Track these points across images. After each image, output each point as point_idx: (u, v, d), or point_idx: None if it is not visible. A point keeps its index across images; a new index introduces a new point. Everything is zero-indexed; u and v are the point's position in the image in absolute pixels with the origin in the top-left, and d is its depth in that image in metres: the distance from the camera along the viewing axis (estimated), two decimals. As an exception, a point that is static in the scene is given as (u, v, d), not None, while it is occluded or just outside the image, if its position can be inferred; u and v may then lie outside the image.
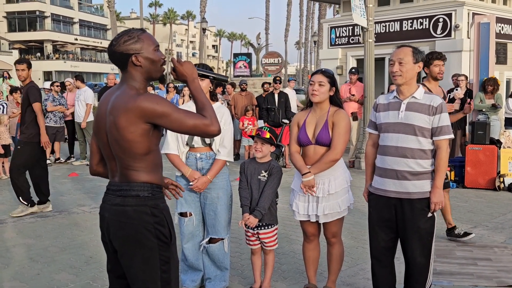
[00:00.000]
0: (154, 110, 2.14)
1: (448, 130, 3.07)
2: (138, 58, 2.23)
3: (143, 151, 2.21)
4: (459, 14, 10.51)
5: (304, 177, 3.39)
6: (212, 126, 2.18)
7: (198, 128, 2.17)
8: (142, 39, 2.24)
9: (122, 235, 2.24)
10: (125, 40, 2.23)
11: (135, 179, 2.24)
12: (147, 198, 2.23)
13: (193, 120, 2.16)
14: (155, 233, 2.22)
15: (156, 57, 2.27)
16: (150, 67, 2.27)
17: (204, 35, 35.18)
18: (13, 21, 53.69)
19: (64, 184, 8.18)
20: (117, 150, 2.24)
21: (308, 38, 57.93)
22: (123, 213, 2.22)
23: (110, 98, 2.27)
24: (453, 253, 4.63)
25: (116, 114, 2.18)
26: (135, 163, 2.23)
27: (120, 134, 2.19)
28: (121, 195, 2.24)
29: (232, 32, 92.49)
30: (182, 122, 2.16)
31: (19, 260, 4.57)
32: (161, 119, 2.15)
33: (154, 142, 2.25)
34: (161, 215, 2.25)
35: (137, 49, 2.23)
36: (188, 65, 2.29)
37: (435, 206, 3.07)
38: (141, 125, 2.16)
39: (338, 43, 12.69)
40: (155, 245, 2.23)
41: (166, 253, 2.26)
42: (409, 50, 3.10)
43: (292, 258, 4.57)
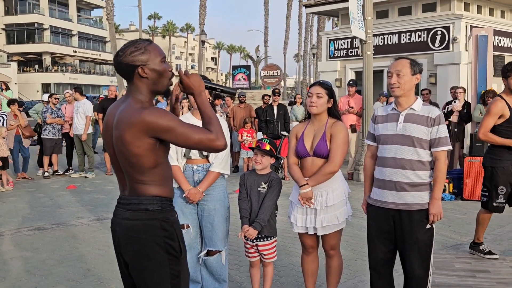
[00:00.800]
0: (158, 124, 2.10)
1: (446, 142, 3.08)
2: (144, 69, 2.19)
3: (150, 165, 2.19)
4: (457, 27, 10.58)
5: (302, 189, 3.39)
6: (218, 141, 2.15)
7: (204, 143, 2.13)
8: (149, 50, 2.20)
9: (132, 249, 2.22)
10: (131, 51, 2.19)
11: (144, 193, 2.21)
12: (156, 212, 2.20)
13: (198, 135, 2.13)
14: (165, 247, 2.20)
15: (163, 68, 2.23)
16: (156, 79, 2.22)
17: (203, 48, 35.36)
18: (11, 33, 53.91)
19: (62, 196, 8.16)
20: (125, 164, 2.22)
21: (307, 51, 58.24)
22: (132, 227, 2.20)
23: (116, 111, 2.24)
24: (451, 265, 4.62)
25: (122, 128, 2.15)
26: (143, 177, 2.20)
27: (126, 149, 2.16)
28: (130, 209, 2.22)
29: (231, 45, 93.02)
30: (188, 137, 2.12)
31: (17, 273, 4.54)
32: (166, 133, 2.12)
33: (162, 155, 2.22)
34: (171, 229, 2.22)
35: (143, 61, 2.18)
36: (196, 78, 2.26)
37: (434, 218, 3.07)
38: (146, 139, 2.13)
39: (336, 56, 12.76)
40: (165, 259, 2.20)
41: (176, 267, 2.23)
42: (407, 62, 3.12)
43: (291, 271, 4.55)
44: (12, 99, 10.49)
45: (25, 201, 7.79)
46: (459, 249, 5.24)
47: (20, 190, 8.67)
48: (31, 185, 9.23)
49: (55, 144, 9.94)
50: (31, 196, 8.15)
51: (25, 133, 9.72)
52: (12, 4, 52.78)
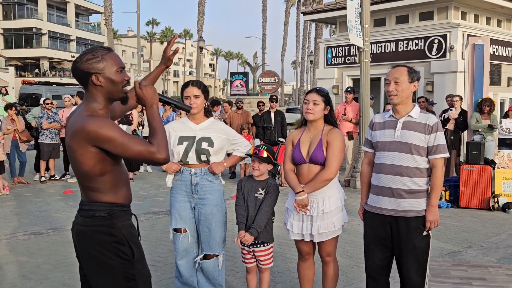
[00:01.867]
0: (98, 134, 2.12)
1: (444, 149, 3.10)
2: (98, 77, 2.21)
3: (96, 173, 2.22)
4: (454, 36, 10.65)
5: (298, 196, 3.39)
6: (158, 154, 2.16)
7: (142, 155, 2.16)
8: (105, 59, 2.23)
9: (84, 254, 2.29)
10: (88, 59, 2.22)
11: (94, 199, 2.27)
12: (103, 218, 2.25)
13: (138, 147, 2.15)
14: (114, 251, 2.24)
15: (118, 78, 2.25)
16: (110, 88, 2.25)
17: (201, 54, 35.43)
18: (9, 38, 53.91)
19: (58, 201, 8.14)
20: (75, 170, 2.29)
21: (304, 58, 58.44)
22: (82, 233, 2.27)
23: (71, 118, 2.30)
24: (447, 273, 4.62)
25: (69, 136, 2.22)
26: (91, 184, 2.26)
27: (72, 156, 2.23)
28: (82, 215, 2.29)
29: (229, 51, 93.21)
30: (126, 148, 2.14)
31: (12, 278, 4.52)
32: (105, 143, 2.14)
33: (110, 163, 2.24)
34: (119, 234, 2.26)
35: (98, 69, 2.21)
36: (149, 90, 2.27)
37: (430, 225, 3.08)
38: (89, 148, 2.17)
39: (334, 63, 12.81)
40: (116, 263, 2.25)
41: (130, 270, 2.27)
42: (404, 70, 3.14)
43: (287, 277, 4.55)
44: (10, 103, 10.48)
45: (21, 205, 7.77)
46: (455, 256, 5.25)
47: (16, 195, 8.64)
48: (27, 189, 9.21)
49: (53, 148, 9.93)
50: (28, 201, 8.12)
51: (22, 138, 9.71)
52: (10, 9, 52.83)
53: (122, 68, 2.27)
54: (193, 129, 3.61)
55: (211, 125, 3.64)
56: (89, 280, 2.34)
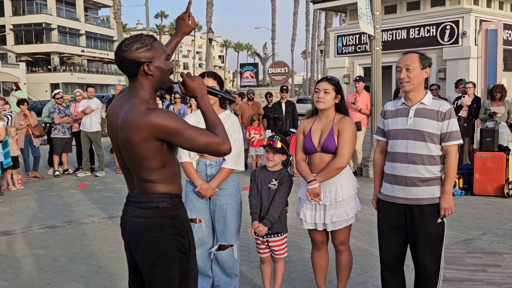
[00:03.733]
0: (166, 127, 2.07)
1: (457, 136, 3.07)
2: (150, 67, 2.15)
3: (158, 165, 2.17)
4: (466, 21, 10.50)
5: (309, 185, 3.39)
6: (224, 145, 2.14)
7: (211, 146, 2.12)
8: (155, 47, 2.16)
9: (142, 247, 2.22)
10: (137, 47, 2.13)
11: (154, 191, 2.20)
12: (167, 209, 2.19)
13: (205, 138, 2.12)
14: (175, 244, 2.19)
15: (167, 66, 2.20)
16: (161, 77, 2.19)
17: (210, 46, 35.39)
18: (19, 34, 54.26)
19: (73, 195, 8.22)
20: (132, 164, 2.21)
21: (314, 47, 58.11)
22: (143, 225, 2.20)
23: (119, 111, 2.20)
24: (462, 260, 4.60)
25: (128, 130, 2.12)
26: (152, 176, 2.19)
27: (134, 151, 2.15)
28: (140, 207, 2.21)
29: (238, 42, 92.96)
30: (195, 140, 2.10)
31: (29, 271, 4.59)
32: (173, 136, 2.09)
33: (169, 154, 2.20)
34: (181, 226, 2.22)
35: (149, 58, 2.14)
36: (199, 81, 2.23)
37: (445, 212, 3.06)
38: (154, 142, 2.11)
39: (345, 52, 12.71)
40: (175, 257, 2.20)
41: (185, 265, 2.23)
42: (416, 56, 3.10)
43: (301, 266, 4.56)
44: (22, 99, 10.56)
45: (36, 200, 7.86)
46: (469, 244, 5.22)
47: (31, 189, 8.74)
48: (42, 184, 9.31)
49: (65, 143, 10.01)
50: (42, 195, 8.22)
51: (35, 133, 9.80)
52: (19, 5, 53.10)
53: (169, 56, 2.23)
54: None
55: (225, 118, 3.64)
56: (144, 275, 2.27)
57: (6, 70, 44.47)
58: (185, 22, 2.64)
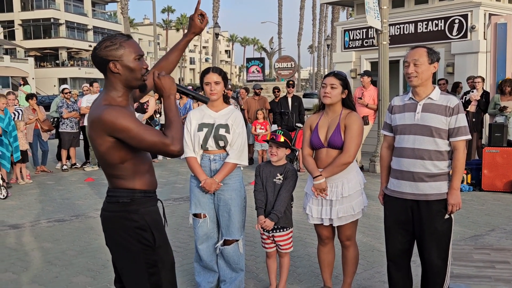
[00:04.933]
0: (114, 124, 2.12)
1: (465, 131, 3.04)
2: (116, 65, 2.20)
3: (116, 161, 2.23)
4: (475, 15, 10.41)
5: (315, 180, 3.38)
6: (172, 146, 2.13)
7: (157, 147, 2.14)
8: (123, 46, 2.21)
9: (109, 239, 2.35)
10: (106, 46, 2.20)
11: (117, 185, 2.29)
12: (126, 204, 2.26)
13: (153, 138, 2.13)
14: (136, 237, 2.26)
15: (136, 66, 2.23)
16: (128, 75, 2.24)
17: (216, 40, 35.34)
18: (28, 29, 54.50)
19: (80, 189, 8.27)
20: (97, 158, 2.32)
21: (321, 42, 57.89)
22: (107, 219, 2.32)
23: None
24: (470, 256, 4.58)
25: (88, 125, 2.26)
26: (113, 171, 2.28)
27: (93, 145, 2.26)
28: (107, 201, 2.33)
29: (244, 37, 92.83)
30: (141, 139, 2.13)
31: (38, 264, 4.62)
32: (120, 133, 2.13)
33: (129, 151, 2.23)
34: (141, 220, 2.27)
35: (116, 56, 2.20)
36: (167, 80, 2.25)
37: (452, 208, 3.04)
38: (106, 137, 2.17)
39: (352, 46, 12.65)
40: (139, 249, 2.27)
41: (152, 257, 2.28)
42: (424, 51, 3.07)
43: (307, 261, 4.56)
44: (31, 93, 10.62)
45: (45, 193, 7.91)
46: (477, 240, 5.19)
47: (39, 183, 8.80)
48: (50, 178, 9.37)
49: (73, 137, 10.06)
50: (50, 189, 8.27)
51: (44, 127, 9.85)
52: (28, 0, 53.30)
53: (140, 55, 2.26)
54: (212, 116, 3.62)
55: (230, 113, 3.64)
56: (115, 265, 2.40)
57: (15, 65, 44.72)
58: (195, 22, 2.64)
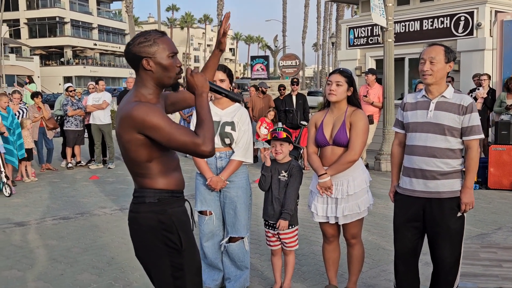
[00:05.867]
0: (144, 121, 2.05)
1: (479, 130, 3.00)
2: (149, 62, 2.14)
3: (143, 159, 2.16)
4: (481, 12, 10.34)
5: (320, 178, 3.36)
6: (203, 146, 2.06)
7: (188, 146, 2.07)
8: (157, 43, 2.14)
9: (135, 241, 2.27)
10: (140, 42, 2.14)
11: (144, 185, 2.21)
12: (153, 204, 2.19)
13: (184, 137, 2.06)
14: (162, 239, 2.19)
15: (170, 64, 2.16)
16: (161, 73, 2.17)
17: (221, 38, 35.27)
18: (33, 27, 54.69)
19: (85, 186, 8.28)
20: (124, 156, 2.24)
21: (325, 40, 57.80)
22: (133, 220, 2.24)
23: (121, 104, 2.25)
24: (477, 255, 4.55)
25: (117, 121, 2.17)
26: (140, 170, 2.20)
27: (121, 142, 2.17)
28: (133, 202, 2.26)
29: (249, 35, 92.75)
30: (172, 138, 2.06)
31: (43, 261, 4.63)
32: (150, 131, 2.06)
33: (157, 150, 2.17)
34: (168, 221, 2.19)
35: (149, 53, 2.14)
36: (200, 78, 2.17)
37: (466, 207, 3.00)
38: (135, 135, 2.09)
39: (356, 44, 12.60)
40: (164, 251, 2.19)
41: (177, 260, 2.21)
42: (441, 49, 3.03)
43: (312, 259, 4.54)
44: (36, 92, 10.64)
45: (50, 191, 7.93)
46: (484, 238, 5.16)
47: (44, 181, 8.82)
48: (55, 176, 9.39)
49: (78, 135, 10.08)
50: (55, 187, 8.29)
51: (49, 125, 9.87)
52: (33, -1, 53.49)
53: (174, 53, 2.19)
54: (218, 114, 3.61)
55: (235, 110, 3.63)
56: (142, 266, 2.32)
57: (21, 64, 44.89)
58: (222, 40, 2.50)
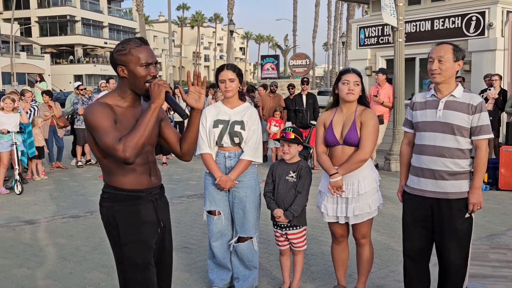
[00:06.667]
0: (87, 119, 2.22)
1: (488, 130, 2.98)
2: (124, 70, 2.28)
3: (98, 155, 2.34)
4: (493, 12, 10.25)
5: (332, 178, 3.36)
6: (120, 152, 2.11)
7: (109, 150, 2.16)
8: (132, 53, 2.25)
9: None
10: (118, 50, 2.29)
11: (104, 180, 2.39)
12: (104, 200, 2.36)
13: (107, 140, 2.15)
14: (107, 232, 2.38)
15: (139, 74, 2.25)
16: (134, 81, 2.28)
17: (231, 38, 35.37)
18: (44, 26, 55.08)
19: (94, 185, 8.33)
20: None
21: (336, 39, 57.62)
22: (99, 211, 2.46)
23: None
24: (486, 256, 4.51)
25: None
26: (101, 165, 2.38)
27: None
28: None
29: (259, 34, 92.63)
30: (101, 139, 2.18)
31: (52, 259, 4.67)
32: (91, 129, 2.22)
33: None
34: (111, 217, 2.33)
35: (124, 61, 2.27)
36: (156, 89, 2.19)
37: (474, 207, 2.99)
38: (88, 131, 2.28)
39: (367, 44, 12.55)
40: (112, 243, 2.38)
41: (118, 254, 2.35)
42: (449, 48, 3.02)
43: (321, 260, 4.54)
44: (46, 90, 10.71)
45: (60, 189, 7.99)
46: (494, 239, 5.12)
47: (54, 179, 8.89)
48: (65, 174, 9.46)
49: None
50: (65, 185, 8.35)
51: (60, 124, 9.94)
52: (45, -3, 53.86)
53: (148, 63, 2.27)
54: (227, 113, 3.61)
55: (244, 110, 3.63)
56: None
57: (31, 62, 45.27)
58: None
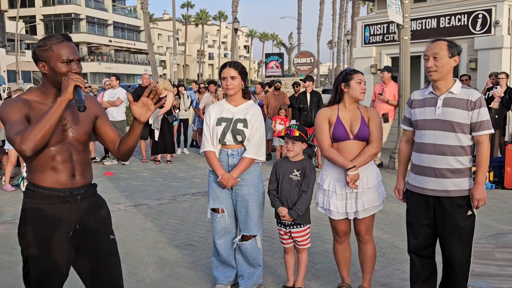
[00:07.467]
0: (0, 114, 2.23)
1: (488, 125, 2.97)
2: (44, 66, 2.27)
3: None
4: (499, 10, 10.19)
5: (351, 171, 3.36)
6: (18, 145, 2.10)
7: (11, 142, 2.16)
8: (52, 49, 2.24)
9: None
10: (39, 45, 2.28)
11: (27, 176, 2.39)
12: (24, 195, 2.37)
13: (9, 133, 2.15)
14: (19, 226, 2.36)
15: (60, 70, 2.25)
16: (53, 78, 2.28)
17: (235, 36, 35.34)
18: (49, 24, 55.25)
19: (99, 183, 8.34)
20: None
21: (341, 37, 57.48)
22: None
23: None
24: (491, 255, 4.50)
25: None
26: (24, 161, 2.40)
27: None
28: None
29: (263, 32, 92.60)
30: (6, 132, 2.20)
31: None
32: (3, 124, 2.23)
33: None
34: (23, 213, 2.34)
35: (45, 57, 2.25)
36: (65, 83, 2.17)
37: (478, 203, 2.97)
38: None
39: (372, 41, 12.51)
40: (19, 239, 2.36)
41: (24, 250, 2.33)
42: (444, 44, 3.00)
43: (325, 258, 4.53)
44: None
45: (65, 187, 8.00)
46: (499, 238, 5.10)
47: (59, 176, 8.90)
48: (70, 171, 9.46)
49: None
50: (70, 182, 8.35)
51: (64, 121, 9.96)
52: (50, -5, 54.02)
53: (69, 60, 2.26)
54: (231, 111, 3.61)
55: (248, 108, 3.63)
56: None
57: (36, 60, 45.35)
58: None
